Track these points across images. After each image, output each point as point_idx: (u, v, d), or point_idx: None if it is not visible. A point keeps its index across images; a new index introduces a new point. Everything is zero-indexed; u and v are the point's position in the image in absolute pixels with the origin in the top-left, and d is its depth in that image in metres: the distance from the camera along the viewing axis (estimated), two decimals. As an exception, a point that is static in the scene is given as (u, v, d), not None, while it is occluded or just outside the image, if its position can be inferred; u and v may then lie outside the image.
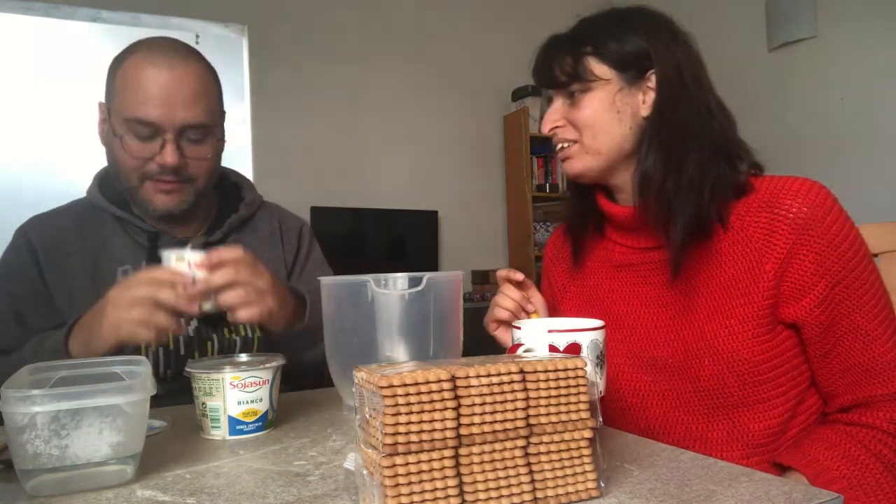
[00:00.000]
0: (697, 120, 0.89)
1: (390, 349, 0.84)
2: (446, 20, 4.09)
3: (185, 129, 1.05)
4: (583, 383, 0.56)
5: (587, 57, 0.92)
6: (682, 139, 0.88)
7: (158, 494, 0.61)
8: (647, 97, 0.91)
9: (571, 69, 0.92)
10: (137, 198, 1.09)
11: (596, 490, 0.56)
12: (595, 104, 0.92)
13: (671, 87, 0.89)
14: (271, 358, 0.85)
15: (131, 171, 1.06)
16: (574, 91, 0.93)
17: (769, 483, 0.59)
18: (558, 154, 0.98)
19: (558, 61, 0.94)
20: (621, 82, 0.91)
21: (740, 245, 0.87)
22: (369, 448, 0.52)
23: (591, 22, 0.96)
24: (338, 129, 3.75)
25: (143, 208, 1.10)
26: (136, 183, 1.08)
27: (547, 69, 0.95)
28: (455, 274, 0.89)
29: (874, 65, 3.24)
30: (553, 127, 0.96)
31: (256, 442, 0.78)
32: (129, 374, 0.72)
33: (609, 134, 0.92)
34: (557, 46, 0.95)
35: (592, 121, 0.92)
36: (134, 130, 1.04)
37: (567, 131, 0.95)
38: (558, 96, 0.96)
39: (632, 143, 0.92)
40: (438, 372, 0.51)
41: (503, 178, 4.25)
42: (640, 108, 0.91)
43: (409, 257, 3.85)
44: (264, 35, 3.60)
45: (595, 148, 0.93)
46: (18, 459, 0.60)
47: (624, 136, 0.92)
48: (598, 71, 0.91)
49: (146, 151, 1.04)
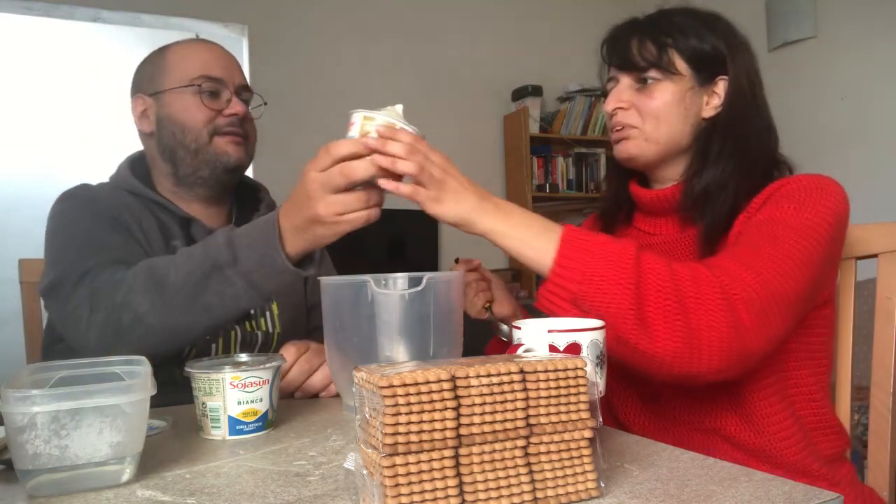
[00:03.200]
0: (757, 134, 0.94)
1: (390, 349, 0.83)
2: (446, 20, 4.09)
3: (240, 88, 1.17)
4: (583, 383, 0.56)
5: (669, 48, 0.93)
6: (743, 149, 0.92)
7: (158, 494, 0.61)
8: (712, 101, 0.95)
9: (654, 57, 0.93)
10: (207, 155, 1.14)
11: (596, 490, 0.56)
12: (667, 96, 0.94)
13: (742, 97, 0.94)
14: (271, 358, 0.85)
15: (202, 128, 1.13)
16: (648, 78, 0.94)
17: (769, 483, 0.59)
18: (613, 133, 0.99)
19: (639, 45, 0.94)
20: (693, 81, 0.94)
21: None
22: (369, 448, 0.52)
23: (673, 15, 0.97)
24: (338, 128, 3.74)
25: (213, 164, 1.15)
26: (206, 140, 1.14)
27: (626, 49, 0.95)
28: (455, 274, 0.89)
29: (874, 65, 3.24)
30: (617, 107, 0.97)
31: (256, 442, 0.78)
32: (129, 374, 0.72)
33: (672, 127, 0.94)
34: (640, 30, 0.96)
35: (660, 112, 0.94)
36: (201, 89, 1.13)
37: (630, 115, 0.96)
38: (626, 77, 0.96)
39: (687, 140, 0.96)
40: (438, 372, 0.51)
41: (503, 178, 4.25)
42: (703, 109, 0.95)
43: (409, 257, 3.85)
44: (264, 35, 3.60)
45: (655, 138, 0.95)
46: (18, 459, 0.60)
47: (683, 132, 0.95)
48: (678, 65, 0.93)
49: (214, 105, 1.14)
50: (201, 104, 1.13)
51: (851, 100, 3.31)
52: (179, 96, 1.13)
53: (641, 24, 0.97)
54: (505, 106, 4.23)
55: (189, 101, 1.13)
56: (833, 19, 3.38)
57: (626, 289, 0.74)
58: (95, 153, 4.39)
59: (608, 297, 0.74)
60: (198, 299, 0.91)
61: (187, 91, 1.13)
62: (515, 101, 4.16)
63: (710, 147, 0.94)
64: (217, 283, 0.91)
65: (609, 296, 0.74)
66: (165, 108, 1.15)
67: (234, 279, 0.90)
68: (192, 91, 1.13)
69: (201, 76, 1.13)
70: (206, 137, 1.14)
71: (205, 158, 1.15)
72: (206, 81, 1.13)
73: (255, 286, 0.91)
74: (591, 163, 4.28)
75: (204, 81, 1.13)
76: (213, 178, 1.17)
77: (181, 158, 1.15)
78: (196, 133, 1.13)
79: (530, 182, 4.02)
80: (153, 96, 1.15)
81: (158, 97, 1.15)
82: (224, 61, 1.17)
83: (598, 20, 5.12)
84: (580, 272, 0.76)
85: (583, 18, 4.38)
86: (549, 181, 4.16)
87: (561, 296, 0.77)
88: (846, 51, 3.33)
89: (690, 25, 0.95)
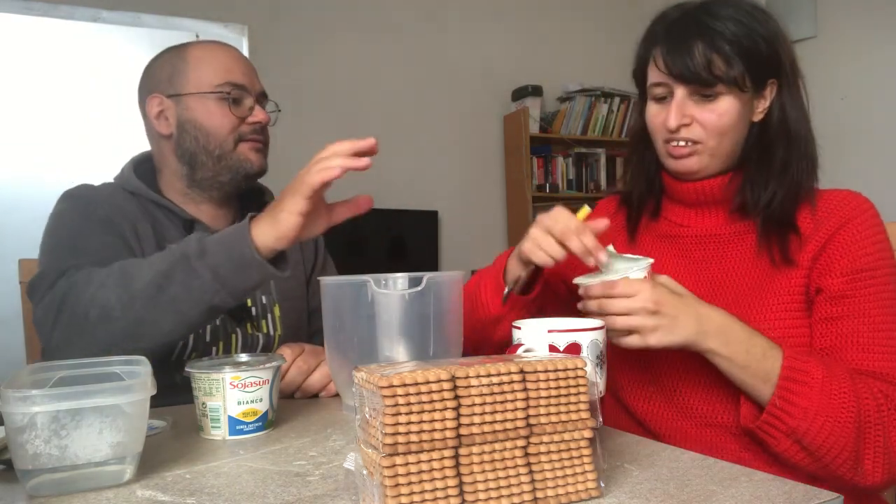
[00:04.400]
0: (807, 130, 0.94)
1: (390, 349, 0.83)
2: (446, 20, 4.09)
3: (260, 96, 1.18)
4: (583, 383, 0.56)
5: (736, 60, 0.88)
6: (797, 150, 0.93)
7: (158, 494, 0.60)
8: (761, 103, 0.93)
9: (722, 72, 0.88)
10: (230, 161, 1.15)
11: (596, 490, 0.56)
12: (733, 112, 0.90)
13: (794, 98, 0.93)
14: (271, 358, 0.85)
15: (227, 135, 1.13)
16: (710, 93, 0.89)
17: (769, 483, 0.59)
18: (673, 149, 0.94)
19: (705, 54, 0.88)
20: (752, 90, 0.91)
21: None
22: (369, 448, 0.52)
23: (730, 15, 0.90)
24: (337, 128, 3.74)
25: (235, 170, 1.15)
26: (230, 147, 1.14)
27: (690, 59, 0.88)
28: (455, 274, 0.89)
29: (874, 65, 3.24)
30: (682, 124, 0.92)
31: (256, 442, 0.78)
32: (129, 374, 0.72)
33: (735, 139, 0.93)
34: (702, 34, 0.89)
35: (726, 128, 0.90)
36: (229, 96, 1.13)
37: (693, 131, 0.92)
38: (683, 88, 0.91)
39: (742, 145, 0.94)
40: (438, 372, 0.51)
41: (503, 177, 4.24)
42: (755, 113, 0.93)
43: (409, 257, 3.85)
44: (264, 35, 3.60)
45: (719, 152, 0.93)
46: (18, 459, 0.60)
47: (742, 139, 0.94)
48: (745, 79, 0.89)
49: (239, 113, 1.14)
50: (227, 111, 1.13)
51: (851, 100, 3.31)
52: (202, 101, 1.13)
53: (702, 25, 0.89)
54: (505, 106, 4.23)
55: (213, 108, 1.13)
56: (833, 19, 3.38)
57: (847, 428, 0.77)
58: (95, 153, 4.39)
59: (831, 439, 0.78)
60: (164, 290, 0.89)
61: (211, 97, 1.12)
62: (515, 101, 4.16)
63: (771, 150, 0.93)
64: (183, 273, 0.89)
65: (833, 437, 0.78)
66: (188, 112, 1.13)
67: (201, 271, 0.88)
68: (216, 97, 1.12)
69: (226, 83, 1.13)
70: (230, 144, 1.14)
71: (227, 164, 1.15)
72: (232, 88, 1.13)
73: (222, 280, 0.89)
74: (591, 163, 4.28)
75: (230, 88, 1.13)
76: (233, 183, 1.17)
77: (202, 163, 1.14)
78: (221, 140, 1.13)
79: (530, 182, 4.02)
80: (172, 98, 1.14)
81: (179, 100, 1.14)
82: (245, 67, 1.17)
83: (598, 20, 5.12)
84: (802, 408, 0.78)
85: (583, 18, 4.38)
86: (549, 181, 4.16)
87: (779, 428, 0.79)
88: (846, 51, 3.33)
89: (752, 30, 0.89)
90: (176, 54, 1.16)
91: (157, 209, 1.15)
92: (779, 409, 0.79)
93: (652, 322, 0.79)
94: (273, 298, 1.19)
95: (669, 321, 0.79)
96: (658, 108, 0.94)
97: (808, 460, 0.80)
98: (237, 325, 1.13)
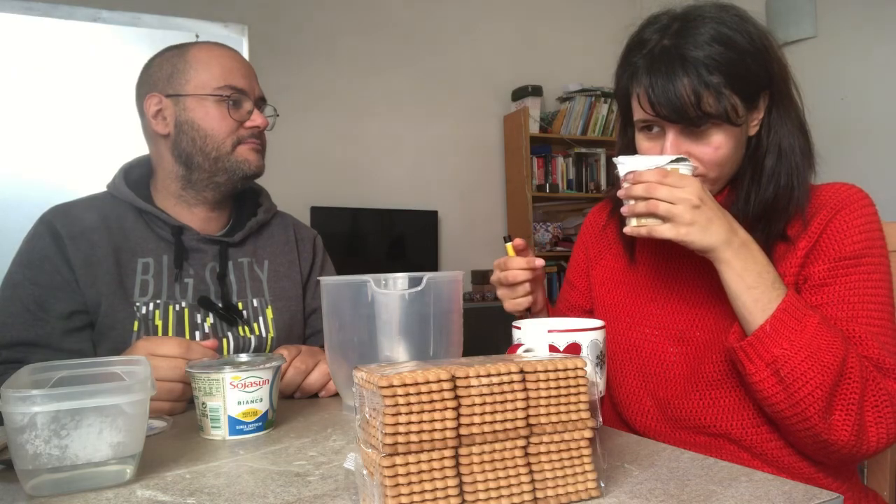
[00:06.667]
0: (799, 134, 0.92)
1: (390, 349, 0.84)
2: (446, 20, 4.09)
3: (259, 100, 1.19)
4: (583, 383, 0.56)
5: (726, 93, 0.83)
6: (790, 158, 0.91)
7: (158, 494, 0.61)
8: (755, 116, 0.91)
9: (713, 108, 0.83)
10: (227, 163, 1.15)
11: (596, 490, 0.56)
12: (730, 143, 0.87)
13: (785, 108, 0.91)
14: (271, 358, 0.85)
15: (226, 138, 1.14)
16: (703, 127, 0.86)
17: (769, 483, 0.59)
18: None
19: (693, 92, 0.83)
20: (745, 112, 0.87)
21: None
22: (369, 448, 0.52)
23: (707, 43, 0.84)
24: (338, 128, 3.75)
25: (233, 172, 1.16)
26: (228, 149, 1.14)
27: (677, 99, 0.83)
28: (455, 274, 0.89)
29: (874, 65, 3.24)
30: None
31: (256, 442, 0.78)
32: (129, 374, 0.72)
33: (733, 166, 0.91)
34: (685, 67, 0.83)
35: (724, 159, 0.88)
36: (229, 99, 1.13)
37: None
38: (674, 127, 0.87)
39: (740, 162, 0.92)
40: (438, 372, 0.51)
41: (503, 178, 4.25)
42: (750, 127, 0.91)
43: (409, 257, 3.85)
44: (264, 35, 3.60)
45: (720, 179, 0.91)
46: (18, 459, 0.60)
47: (741, 157, 0.92)
48: (738, 109, 0.85)
49: (238, 116, 1.15)
50: (227, 114, 1.13)
51: (851, 100, 3.31)
52: (201, 103, 1.13)
53: (685, 57, 0.83)
54: (505, 106, 4.23)
55: (212, 110, 1.13)
56: (833, 19, 3.38)
57: (827, 371, 0.77)
58: (95, 153, 4.39)
59: (809, 374, 0.77)
60: None
61: (211, 99, 1.12)
62: (515, 101, 4.16)
63: (763, 164, 0.91)
64: None
65: (811, 373, 0.77)
66: (187, 113, 1.13)
67: None
68: (216, 100, 1.12)
69: (226, 85, 1.13)
70: (228, 147, 1.14)
71: (224, 166, 1.15)
72: (232, 91, 1.13)
73: None
74: (591, 163, 4.28)
75: (230, 91, 1.13)
76: (229, 184, 1.17)
77: (198, 164, 1.14)
78: (218, 142, 1.13)
79: (530, 182, 4.03)
80: (171, 98, 1.14)
81: (177, 100, 1.13)
82: (246, 70, 1.17)
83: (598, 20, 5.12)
84: (789, 340, 0.78)
85: (583, 19, 4.38)
86: (549, 181, 4.16)
87: (762, 355, 0.79)
88: (846, 51, 3.33)
89: (738, 48, 0.84)
90: (176, 54, 1.16)
91: (147, 216, 1.15)
92: (766, 335, 0.78)
93: (690, 216, 0.79)
94: (265, 300, 1.19)
95: (706, 221, 0.80)
96: (650, 144, 0.90)
97: (782, 395, 0.78)
98: (229, 328, 1.13)
